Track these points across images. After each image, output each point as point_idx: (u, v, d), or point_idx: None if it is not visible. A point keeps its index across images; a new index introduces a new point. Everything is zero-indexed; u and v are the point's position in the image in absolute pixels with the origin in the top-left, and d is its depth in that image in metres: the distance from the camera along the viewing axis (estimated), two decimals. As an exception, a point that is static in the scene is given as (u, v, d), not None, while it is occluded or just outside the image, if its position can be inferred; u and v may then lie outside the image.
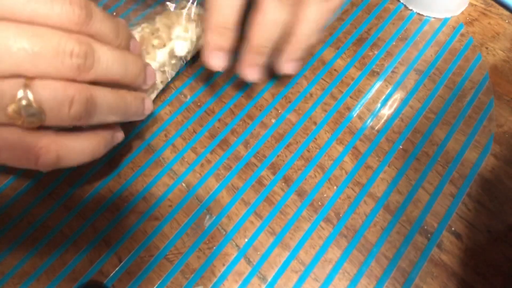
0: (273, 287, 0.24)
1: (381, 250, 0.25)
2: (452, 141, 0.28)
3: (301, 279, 0.24)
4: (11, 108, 0.17)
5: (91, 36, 0.20)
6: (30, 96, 0.17)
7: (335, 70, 0.31)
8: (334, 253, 0.24)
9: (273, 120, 0.29)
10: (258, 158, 0.27)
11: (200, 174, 0.27)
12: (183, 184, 0.26)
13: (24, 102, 0.17)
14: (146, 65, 0.24)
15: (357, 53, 0.32)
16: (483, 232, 0.25)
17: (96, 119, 0.20)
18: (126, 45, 0.22)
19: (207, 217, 0.25)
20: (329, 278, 0.24)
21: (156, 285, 0.23)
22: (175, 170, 0.27)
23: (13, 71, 0.17)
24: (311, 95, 0.30)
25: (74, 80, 0.19)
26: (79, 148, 0.21)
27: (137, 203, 0.26)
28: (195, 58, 0.31)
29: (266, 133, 0.28)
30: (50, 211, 0.25)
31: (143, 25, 0.27)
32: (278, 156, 0.27)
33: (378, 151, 0.28)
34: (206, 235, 0.25)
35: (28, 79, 0.18)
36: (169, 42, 0.27)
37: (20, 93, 0.17)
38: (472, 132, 0.28)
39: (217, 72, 0.30)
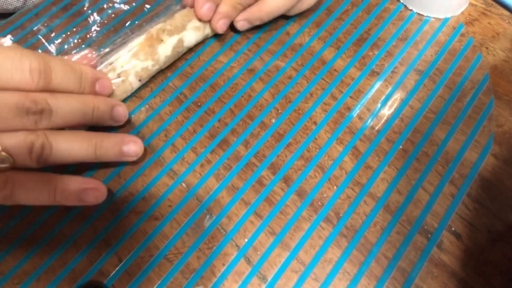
0: (273, 287, 0.24)
1: (381, 250, 0.25)
2: (452, 141, 0.28)
3: (301, 279, 0.24)
4: None
5: (53, 90, 0.23)
6: None
7: (335, 70, 0.31)
8: (334, 253, 0.24)
9: (273, 120, 0.29)
10: (258, 158, 0.27)
11: (200, 174, 0.27)
12: (183, 184, 0.26)
13: None
14: (114, 106, 0.26)
15: (357, 53, 0.32)
16: (483, 232, 0.25)
17: (56, 160, 0.23)
18: (90, 90, 0.25)
19: (207, 217, 0.25)
20: (329, 278, 0.24)
21: (156, 285, 0.23)
22: (175, 170, 0.27)
23: None
24: (311, 95, 0.30)
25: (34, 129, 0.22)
26: (32, 190, 0.23)
27: (137, 203, 0.26)
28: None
29: (266, 133, 0.28)
30: (50, 211, 0.25)
31: (161, 23, 0.29)
32: (278, 156, 0.27)
33: (378, 151, 0.28)
34: (206, 235, 0.25)
35: None
36: (182, 31, 0.29)
37: None
38: (472, 132, 0.28)
39: (217, 72, 0.30)
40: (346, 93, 0.30)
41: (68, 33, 0.32)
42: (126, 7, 0.33)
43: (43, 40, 0.31)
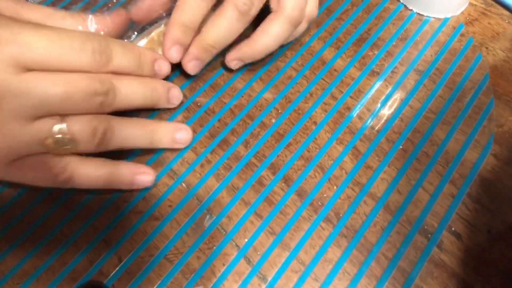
0: (273, 287, 0.24)
1: (381, 250, 0.25)
2: (452, 141, 0.28)
3: (301, 279, 0.24)
4: (48, 141, 0.21)
5: (114, 71, 0.23)
6: (65, 130, 0.21)
7: (335, 70, 0.31)
8: (334, 253, 0.24)
9: (273, 120, 0.29)
10: (258, 158, 0.27)
11: (200, 174, 0.27)
12: (183, 184, 0.26)
13: (60, 136, 0.21)
14: (170, 88, 0.27)
15: (357, 53, 0.32)
16: (483, 232, 0.25)
17: (116, 145, 0.24)
18: (149, 71, 0.26)
19: (207, 217, 0.25)
20: (329, 278, 0.24)
21: (156, 285, 0.23)
22: (175, 170, 0.27)
23: (49, 112, 0.21)
24: (311, 95, 0.30)
25: (97, 113, 0.22)
26: (91, 174, 0.23)
27: (137, 203, 0.26)
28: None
29: (266, 133, 0.28)
30: (50, 211, 0.25)
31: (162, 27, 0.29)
32: (278, 156, 0.27)
33: (378, 151, 0.28)
34: (206, 235, 0.25)
35: (61, 116, 0.21)
36: None
37: (56, 129, 0.21)
38: (472, 132, 0.28)
39: (217, 73, 0.30)
40: (346, 93, 0.30)
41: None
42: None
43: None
